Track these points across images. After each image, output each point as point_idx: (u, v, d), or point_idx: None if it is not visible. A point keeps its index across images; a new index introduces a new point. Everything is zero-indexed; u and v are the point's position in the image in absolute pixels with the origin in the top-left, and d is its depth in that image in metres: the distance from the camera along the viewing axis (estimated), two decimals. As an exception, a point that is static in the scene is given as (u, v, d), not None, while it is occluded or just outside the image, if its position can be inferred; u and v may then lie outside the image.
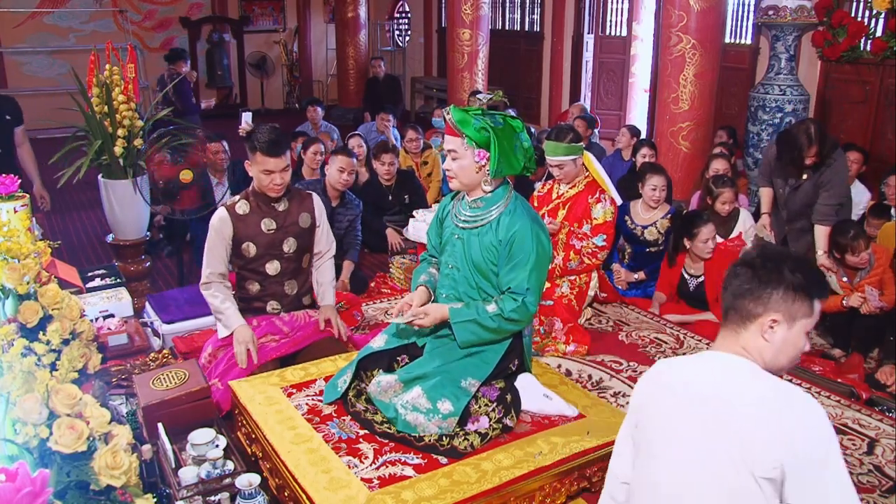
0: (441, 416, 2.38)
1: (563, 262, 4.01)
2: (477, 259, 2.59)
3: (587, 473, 2.49)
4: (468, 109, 2.55)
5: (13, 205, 2.69)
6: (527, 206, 2.62)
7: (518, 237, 2.50)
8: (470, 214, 2.62)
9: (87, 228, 6.31)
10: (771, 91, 5.89)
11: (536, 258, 2.51)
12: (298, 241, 3.29)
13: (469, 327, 2.53)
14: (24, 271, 1.85)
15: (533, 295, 2.53)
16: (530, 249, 2.50)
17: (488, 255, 2.57)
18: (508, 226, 2.53)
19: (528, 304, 2.51)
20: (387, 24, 13.10)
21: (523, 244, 2.50)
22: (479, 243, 2.58)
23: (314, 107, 7.74)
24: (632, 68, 8.60)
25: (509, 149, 2.51)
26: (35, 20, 10.94)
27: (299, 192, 3.37)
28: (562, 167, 4.02)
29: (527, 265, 2.50)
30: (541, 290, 2.58)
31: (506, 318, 2.51)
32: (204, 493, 2.31)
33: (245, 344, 3.08)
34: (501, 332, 2.55)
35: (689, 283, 4.22)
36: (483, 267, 2.58)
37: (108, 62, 3.85)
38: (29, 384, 1.60)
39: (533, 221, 2.55)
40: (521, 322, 2.56)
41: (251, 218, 3.20)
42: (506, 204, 2.57)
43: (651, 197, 4.52)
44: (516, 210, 2.56)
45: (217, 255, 3.19)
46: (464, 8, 8.12)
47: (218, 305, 3.17)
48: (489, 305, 2.53)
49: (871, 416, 3.17)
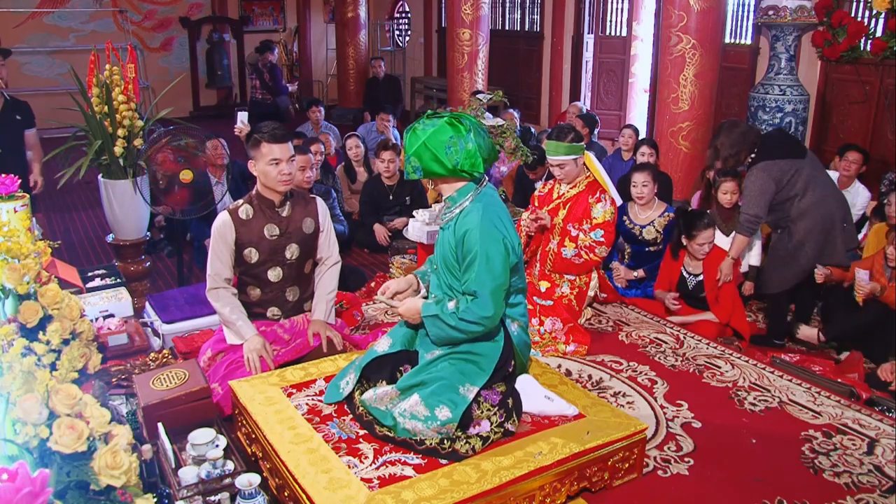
0: (439, 422, 2.37)
1: (558, 247, 4.00)
2: (446, 258, 2.62)
3: (587, 473, 2.49)
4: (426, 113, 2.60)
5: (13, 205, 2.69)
6: (487, 205, 2.56)
7: (467, 237, 2.50)
8: (444, 213, 2.66)
9: (87, 228, 6.31)
10: (771, 91, 5.88)
11: (486, 258, 2.46)
12: (301, 247, 3.26)
13: (435, 322, 2.55)
14: (24, 271, 1.85)
15: (483, 298, 2.45)
16: (478, 249, 2.47)
17: (451, 253, 2.59)
18: (461, 225, 2.54)
19: (478, 307, 2.46)
20: (387, 24, 13.10)
21: (472, 244, 2.48)
22: (446, 242, 2.62)
23: (316, 107, 7.76)
24: (632, 68, 8.60)
25: (432, 151, 2.49)
26: (35, 20, 10.93)
27: (303, 196, 3.33)
28: (563, 167, 4.02)
29: (474, 266, 2.48)
30: (495, 293, 2.48)
31: (460, 318, 2.48)
32: (204, 493, 2.31)
33: (257, 352, 3.06)
34: (462, 330, 2.50)
35: (688, 281, 4.22)
36: (450, 265, 2.61)
37: (108, 62, 3.86)
38: (29, 384, 1.59)
39: (489, 221, 2.50)
40: (478, 324, 2.48)
41: (254, 223, 3.17)
42: (469, 202, 2.57)
43: (635, 194, 4.54)
44: (475, 209, 2.54)
45: (222, 260, 3.16)
46: (464, 8, 8.12)
47: (227, 316, 3.14)
48: (451, 302, 2.55)
49: (871, 416, 3.17)
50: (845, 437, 3.00)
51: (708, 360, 3.67)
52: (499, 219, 2.55)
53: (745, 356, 3.72)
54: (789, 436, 3.00)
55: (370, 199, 5.68)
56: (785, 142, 4.11)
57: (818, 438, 2.99)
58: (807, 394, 3.34)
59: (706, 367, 3.60)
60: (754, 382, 3.45)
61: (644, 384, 3.42)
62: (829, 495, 2.62)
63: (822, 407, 3.23)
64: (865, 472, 2.77)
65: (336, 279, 3.42)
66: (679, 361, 3.65)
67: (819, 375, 3.54)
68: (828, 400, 3.29)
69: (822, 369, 3.61)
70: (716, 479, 2.70)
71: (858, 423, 3.10)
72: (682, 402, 3.25)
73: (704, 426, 3.06)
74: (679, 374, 3.52)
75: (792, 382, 3.45)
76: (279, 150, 3.06)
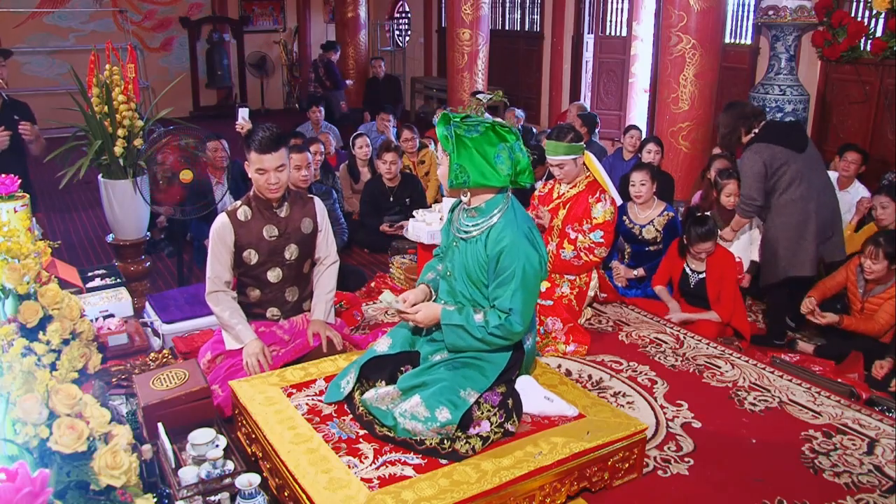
0: (439, 423, 2.37)
1: (557, 249, 3.99)
2: (470, 270, 2.55)
3: (587, 473, 2.49)
4: (450, 116, 2.47)
5: (13, 205, 2.69)
6: (522, 219, 2.53)
7: (505, 253, 2.43)
8: (467, 223, 2.57)
9: (87, 228, 6.31)
10: (771, 91, 5.88)
11: (523, 276, 2.43)
12: (300, 248, 3.25)
13: (457, 332, 2.50)
14: (24, 271, 1.85)
15: (517, 315, 2.45)
16: (516, 267, 2.42)
17: (479, 267, 2.52)
18: (497, 240, 2.46)
19: (511, 324, 2.45)
20: (387, 24, 13.10)
21: (509, 261, 2.43)
22: (471, 255, 2.54)
23: (316, 107, 7.77)
24: (632, 68, 8.60)
25: (483, 159, 2.41)
26: (35, 20, 10.94)
27: (301, 196, 3.33)
28: (562, 167, 4.02)
29: (511, 284, 2.44)
30: (528, 311, 2.49)
31: (489, 333, 2.47)
32: (204, 493, 2.31)
33: (256, 356, 3.06)
34: (487, 343, 2.50)
35: (690, 278, 4.22)
36: (475, 278, 2.55)
37: (108, 62, 3.85)
38: (29, 384, 1.59)
39: (524, 237, 2.46)
40: (506, 339, 2.50)
41: (253, 224, 3.16)
42: (500, 215, 2.50)
43: (633, 193, 4.55)
44: (508, 224, 2.47)
45: (222, 262, 3.14)
46: (464, 8, 8.12)
47: (227, 320, 3.14)
48: (477, 314, 2.50)
49: (871, 416, 3.17)
50: (845, 437, 3.00)
51: (708, 360, 3.67)
52: (532, 234, 2.52)
53: (745, 356, 3.72)
54: (789, 436, 3.00)
55: (370, 200, 5.69)
56: (788, 132, 4.03)
57: (818, 438, 2.99)
58: (807, 394, 3.35)
59: (706, 367, 3.60)
60: (754, 382, 3.45)
61: (644, 384, 3.42)
62: (829, 495, 2.62)
63: (822, 407, 3.23)
64: (865, 472, 2.77)
65: (335, 278, 3.41)
66: (679, 361, 3.65)
67: (819, 375, 3.54)
68: (828, 400, 3.29)
69: (822, 369, 3.61)
70: (716, 479, 2.70)
71: (858, 423, 3.10)
72: (682, 402, 3.25)
73: (704, 426, 3.06)
74: (679, 374, 3.52)
75: (792, 382, 3.45)
76: (265, 161, 3.02)
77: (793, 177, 3.84)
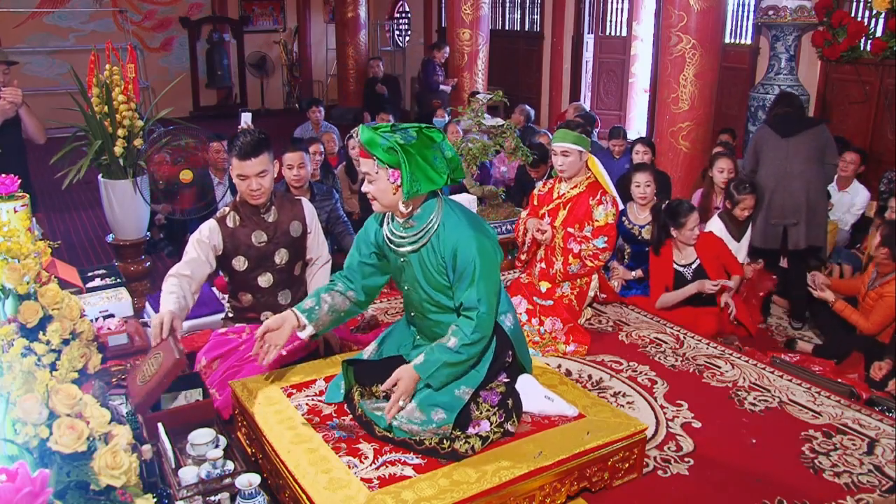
0: (435, 424, 2.36)
1: (564, 266, 3.99)
2: (428, 279, 2.51)
3: (587, 473, 2.49)
4: (378, 127, 2.39)
5: (13, 205, 2.69)
6: (460, 212, 2.49)
7: (459, 249, 2.40)
8: (405, 236, 2.50)
9: (87, 228, 6.32)
10: (771, 91, 5.88)
11: (482, 267, 2.40)
12: (290, 252, 3.22)
13: (442, 372, 2.43)
14: (24, 271, 1.85)
15: (486, 304, 2.42)
16: (473, 261, 2.39)
17: (437, 274, 2.48)
18: (446, 240, 2.43)
19: (483, 316, 2.42)
20: (387, 24, 13.10)
21: (464, 259, 2.40)
22: (424, 265, 2.49)
23: (316, 107, 7.76)
24: (632, 68, 8.61)
25: (426, 164, 2.35)
26: (35, 20, 10.95)
27: (289, 199, 3.29)
28: (567, 154, 3.97)
29: (473, 276, 2.41)
30: (494, 294, 2.46)
31: (469, 343, 2.42)
32: (204, 493, 2.31)
33: (160, 318, 2.84)
34: (474, 353, 2.46)
35: (684, 273, 4.21)
36: (435, 285, 2.51)
37: (108, 62, 3.86)
38: (29, 384, 1.60)
39: (471, 229, 2.42)
40: (485, 335, 2.46)
41: (241, 231, 3.13)
42: (438, 218, 2.46)
43: (637, 194, 4.56)
44: (448, 221, 2.44)
45: (190, 260, 3.05)
46: (464, 8, 8.13)
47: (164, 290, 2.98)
48: (449, 341, 2.43)
49: (871, 416, 3.17)
50: (845, 437, 3.00)
51: (708, 360, 3.67)
52: (477, 223, 2.49)
53: (745, 356, 3.72)
54: (789, 436, 3.00)
55: (368, 199, 5.66)
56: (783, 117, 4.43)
57: (818, 438, 2.99)
58: (807, 394, 3.34)
59: (706, 367, 3.60)
60: (754, 382, 3.45)
61: (644, 384, 3.42)
62: (829, 495, 2.62)
63: (822, 407, 3.23)
64: (865, 472, 2.77)
65: (328, 278, 3.40)
66: (679, 361, 3.65)
67: (819, 375, 3.54)
68: (828, 400, 3.29)
69: (822, 369, 3.61)
70: (716, 479, 2.70)
71: (858, 423, 3.10)
72: (682, 402, 3.25)
73: (704, 426, 3.06)
74: (679, 374, 3.52)
75: (792, 382, 3.45)
76: (246, 167, 2.98)
77: (766, 158, 4.33)
